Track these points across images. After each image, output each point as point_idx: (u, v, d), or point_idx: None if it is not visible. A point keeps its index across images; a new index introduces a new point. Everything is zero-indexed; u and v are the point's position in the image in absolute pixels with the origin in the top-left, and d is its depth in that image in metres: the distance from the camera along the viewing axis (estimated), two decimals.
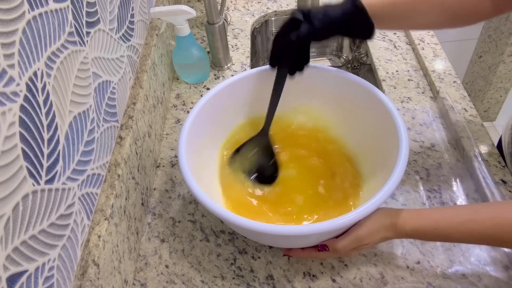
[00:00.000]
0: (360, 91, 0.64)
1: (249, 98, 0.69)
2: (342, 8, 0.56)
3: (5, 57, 0.35)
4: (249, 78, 0.67)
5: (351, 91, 0.65)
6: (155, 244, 0.64)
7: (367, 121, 0.65)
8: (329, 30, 0.57)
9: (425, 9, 0.55)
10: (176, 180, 0.73)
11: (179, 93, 0.89)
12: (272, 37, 1.15)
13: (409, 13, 0.56)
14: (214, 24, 0.86)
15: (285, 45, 0.58)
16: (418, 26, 0.62)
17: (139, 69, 0.72)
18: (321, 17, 0.55)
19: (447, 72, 0.85)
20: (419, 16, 0.56)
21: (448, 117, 0.76)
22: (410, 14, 0.56)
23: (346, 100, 0.66)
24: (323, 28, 0.56)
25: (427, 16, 0.56)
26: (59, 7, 0.45)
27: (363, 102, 0.64)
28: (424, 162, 0.71)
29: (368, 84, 0.63)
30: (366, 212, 0.48)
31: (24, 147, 0.37)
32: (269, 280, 0.59)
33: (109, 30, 0.59)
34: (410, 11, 0.55)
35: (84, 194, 0.49)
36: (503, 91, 1.87)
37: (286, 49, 0.59)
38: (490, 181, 0.64)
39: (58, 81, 0.44)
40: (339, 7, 0.56)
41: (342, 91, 0.66)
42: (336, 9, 0.56)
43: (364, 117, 0.65)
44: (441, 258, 0.59)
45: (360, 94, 0.64)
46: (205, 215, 0.67)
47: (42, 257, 0.40)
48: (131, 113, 0.64)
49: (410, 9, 0.55)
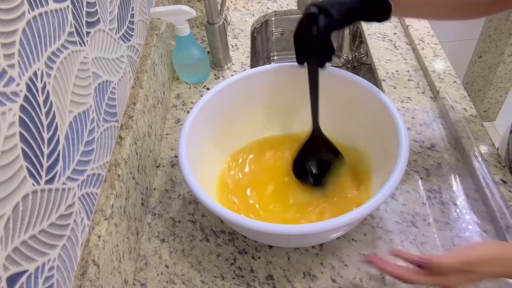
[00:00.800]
0: (360, 91, 0.64)
1: (249, 98, 0.69)
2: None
3: (5, 57, 0.35)
4: (249, 78, 0.67)
5: (351, 91, 0.65)
6: (155, 244, 0.64)
7: (367, 121, 0.65)
8: (347, 17, 0.57)
9: None
10: (176, 180, 0.73)
11: (179, 93, 0.89)
12: (272, 37, 1.16)
13: (422, 1, 0.57)
14: (214, 24, 0.86)
15: (307, 41, 0.58)
16: (430, 15, 0.63)
17: (139, 69, 0.72)
18: (338, 7, 0.56)
19: (447, 72, 0.85)
20: (430, 5, 0.56)
21: (448, 117, 0.76)
22: (425, 2, 0.57)
23: (346, 100, 0.66)
24: (342, 16, 0.56)
25: (440, 5, 0.56)
26: (59, 7, 0.45)
27: (363, 102, 0.64)
28: (424, 162, 0.71)
29: (368, 84, 0.63)
30: (366, 212, 0.48)
31: (24, 147, 0.37)
32: (269, 280, 0.59)
33: (109, 30, 0.59)
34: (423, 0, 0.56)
35: (84, 194, 0.49)
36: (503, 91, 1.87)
37: (310, 44, 0.58)
38: (490, 181, 0.64)
39: (58, 81, 0.44)
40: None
41: (342, 91, 0.66)
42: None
43: (364, 117, 0.65)
44: None
45: (360, 94, 0.64)
46: (205, 215, 0.67)
47: (42, 257, 0.40)
48: (131, 113, 0.64)
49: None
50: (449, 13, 0.58)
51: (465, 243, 0.60)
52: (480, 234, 0.61)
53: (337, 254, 0.60)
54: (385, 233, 0.62)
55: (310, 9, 0.56)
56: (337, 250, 0.61)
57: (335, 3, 0.56)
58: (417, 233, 0.62)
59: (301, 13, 0.58)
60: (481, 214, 0.63)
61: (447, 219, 0.63)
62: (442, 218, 0.63)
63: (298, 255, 0.61)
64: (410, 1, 0.58)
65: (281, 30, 1.15)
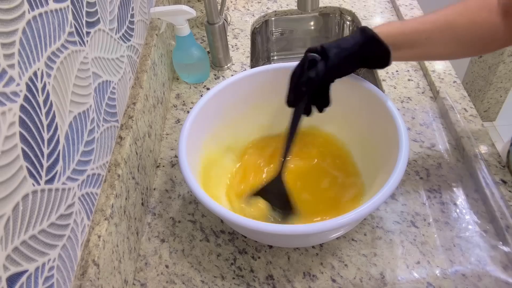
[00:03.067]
0: (360, 91, 0.64)
1: (249, 98, 0.69)
2: (353, 38, 0.55)
3: (5, 57, 0.35)
4: (249, 78, 0.67)
5: (351, 91, 0.65)
6: (155, 244, 0.64)
7: (367, 121, 0.65)
8: (346, 62, 0.56)
9: (438, 38, 0.54)
10: (176, 180, 0.73)
11: (179, 93, 0.89)
12: (272, 37, 1.16)
13: (422, 43, 0.55)
14: (214, 24, 0.86)
15: (303, 84, 0.57)
16: (432, 56, 0.61)
17: (139, 69, 0.72)
18: (335, 51, 0.55)
19: (447, 72, 0.85)
20: (432, 45, 0.55)
21: (448, 117, 0.76)
22: (423, 43, 0.55)
23: (346, 100, 0.66)
24: (340, 61, 0.55)
25: (440, 45, 0.54)
26: (59, 7, 0.45)
27: (363, 102, 0.64)
28: (424, 162, 0.71)
29: (368, 84, 0.63)
30: (366, 212, 0.48)
31: (24, 147, 0.37)
32: (269, 280, 0.59)
33: (109, 30, 0.59)
34: (423, 41, 0.54)
35: (84, 194, 0.49)
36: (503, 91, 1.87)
37: (304, 87, 0.57)
38: (490, 181, 0.64)
39: (58, 81, 0.44)
40: (350, 38, 0.55)
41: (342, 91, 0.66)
42: (347, 40, 0.55)
43: (364, 117, 0.65)
44: (441, 258, 0.59)
45: (360, 94, 0.64)
46: (205, 215, 0.67)
47: (42, 257, 0.40)
48: (131, 113, 0.64)
49: (423, 39, 0.54)
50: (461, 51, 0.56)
51: (465, 243, 0.60)
52: (480, 234, 0.61)
53: (337, 254, 0.60)
54: (385, 233, 0.62)
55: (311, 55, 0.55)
56: (337, 250, 0.61)
57: (333, 47, 0.55)
58: (417, 233, 0.62)
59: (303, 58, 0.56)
60: (481, 214, 0.63)
61: (447, 219, 0.63)
62: (442, 218, 0.63)
63: (298, 255, 0.61)
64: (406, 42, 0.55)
65: (281, 30, 1.15)
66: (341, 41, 0.56)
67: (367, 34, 0.55)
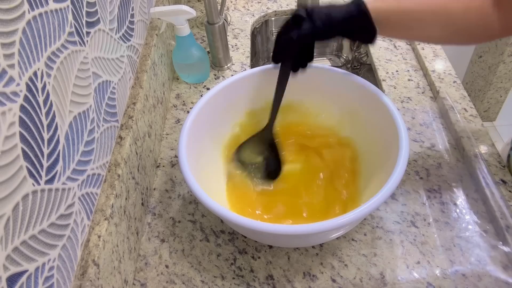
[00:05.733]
0: (360, 91, 0.64)
1: (249, 97, 0.69)
2: (347, 9, 0.55)
3: (5, 57, 0.35)
4: (249, 78, 0.67)
5: (351, 91, 0.65)
6: (155, 244, 0.64)
7: (367, 121, 0.65)
8: (331, 30, 0.56)
9: (431, 21, 0.54)
10: (176, 180, 0.73)
11: (179, 93, 0.89)
12: (272, 37, 1.16)
13: (415, 23, 0.55)
14: (214, 24, 0.86)
15: (287, 43, 0.58)
16: (423, 38, 0.61)
17: (139, 69, 0.72)
18: (324, 17, 0.55)
19: (447, 72, 0.85)
20: (425, 27, 0.55)
21: (448, 117, 0.76)
22: (416, 25, 0.55)
23: (346, 100, 0.66)
24: (325, 28, 0.56)
25: (432, 28, 0.55)
26: (59, 7, 0.45)
27: (363, 102, 0.64)
28: (424, 162, 0.71)
29: (368, 84, 0.63)
30: (366, 211, 0.48)
31: (24, 147, 0.37)
32: (269, 280, 0.59)
33: (109, 30, 0.59)
34: (416, 21, 0.55)
35: (84, 194, 0.49)
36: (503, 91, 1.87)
37: (288, 46, 0.59)
38: (490, 181, 0.64)
39: (58, 81, 0.44)
40: (344, 9, 0.55)
41: (342, 91, 0.66)
42: (340, 9, 0.56)
43: (364, 117, 0.65)
44: (441, 258, 0.59)
45: (360, 94, 0.64)
46: (205, 215, 0.67)
47: (42, 257, 0.40)
48: (131, 113, 0.64)
49: (416, 19, 0.54)
50: (452, 37, 0.56)
51: (465, 243, 0.60)
52: (480, 234, 0.61)
53: (337, 254, 0.60)
54: (385, 233, 0.62)
55: (299, 11, 0.56)
56: (337, 250, 0.61)
57: (323, 13, 0.55)
58: (417, 233, 0.62)
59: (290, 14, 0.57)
60: (481, 214, 0.63)
61: (447, 219, 0.63)
62: (442, 218, 0.63)
63: (298, 255, 0.61)
64: (400, 22, 0.56)
65: None
66: (333, 9, 0.56)
67: (360, 10, 0.55)
